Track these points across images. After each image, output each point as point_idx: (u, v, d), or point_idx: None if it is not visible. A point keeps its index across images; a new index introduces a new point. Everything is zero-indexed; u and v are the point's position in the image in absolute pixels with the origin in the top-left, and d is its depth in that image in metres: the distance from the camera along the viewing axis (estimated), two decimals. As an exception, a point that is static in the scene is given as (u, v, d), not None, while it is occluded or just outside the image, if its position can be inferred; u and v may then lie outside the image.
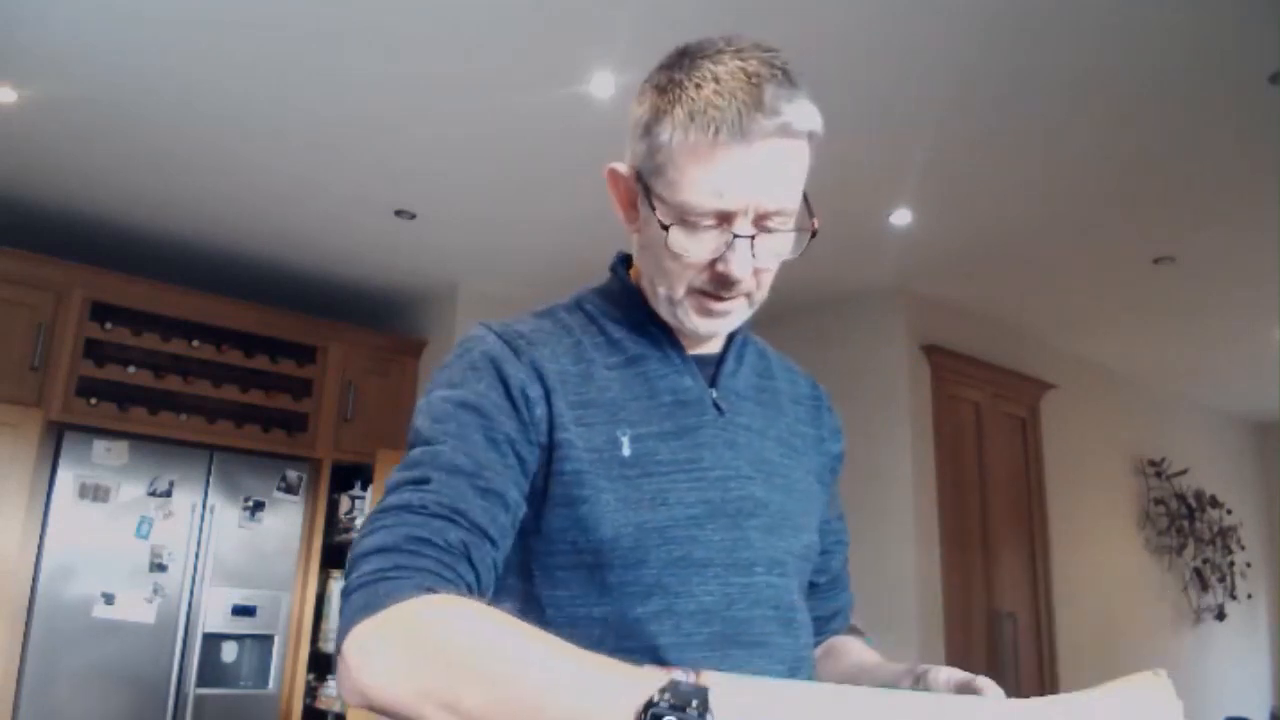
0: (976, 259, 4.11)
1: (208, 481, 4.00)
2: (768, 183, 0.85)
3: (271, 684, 4.05)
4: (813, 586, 1.04)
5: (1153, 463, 5.92)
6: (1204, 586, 6.12)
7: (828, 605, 1.09)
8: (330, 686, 4.30)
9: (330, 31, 2.65)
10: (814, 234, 0.90)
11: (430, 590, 0.70)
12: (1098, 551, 5.35)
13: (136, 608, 3.73)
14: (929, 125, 3.03)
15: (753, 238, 0.86)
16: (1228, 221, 3.65)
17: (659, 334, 0.96)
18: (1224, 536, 6.30)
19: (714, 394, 0.95)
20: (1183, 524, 6.02)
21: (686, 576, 0.86)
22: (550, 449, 0.86)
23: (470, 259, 4.38)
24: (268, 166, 3.49)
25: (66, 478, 3.68)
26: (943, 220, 3.69)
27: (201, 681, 3.83)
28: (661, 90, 0.89)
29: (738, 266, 0.86)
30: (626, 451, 0.88)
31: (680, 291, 0.90)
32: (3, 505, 3.54)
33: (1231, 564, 6.32)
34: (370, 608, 0.70)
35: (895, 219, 3.68)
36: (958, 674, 0.83)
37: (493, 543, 0.80)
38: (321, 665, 4.36)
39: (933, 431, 4.38)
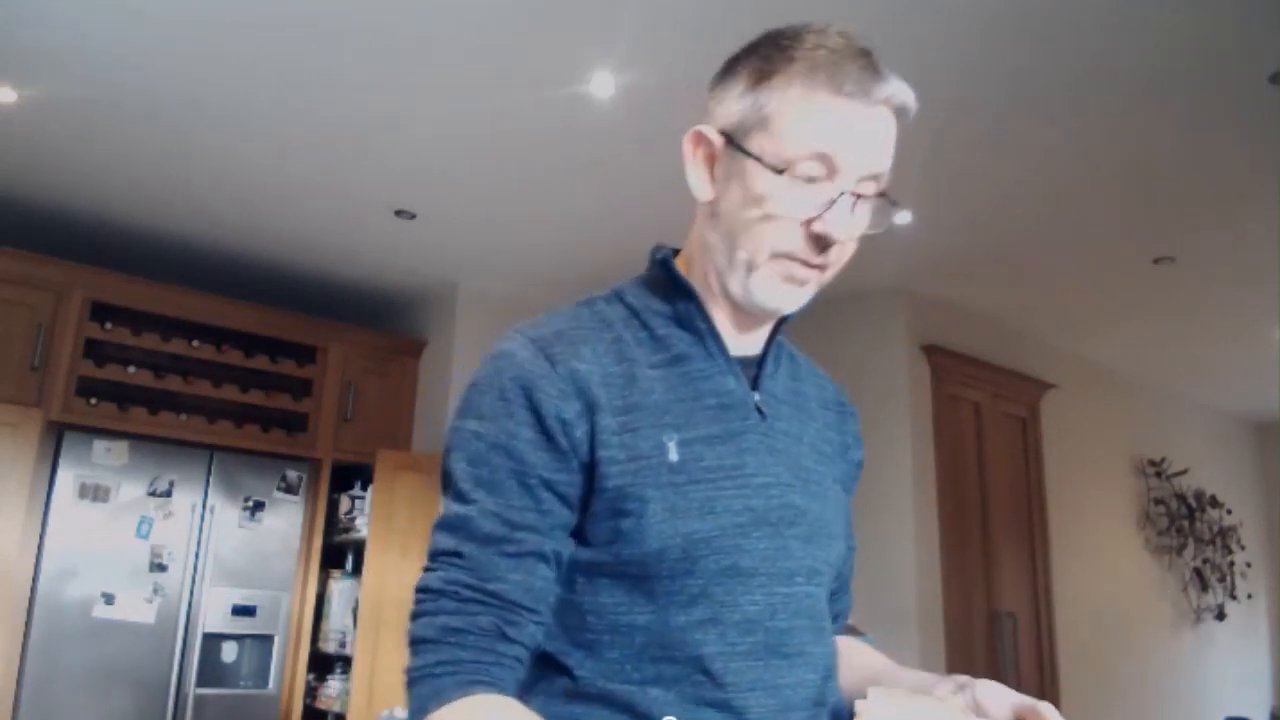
0: (976, 259, 4.11)
1: (208, 481, 4.00)
2: (877, 145, 0.85)
3: (271, 684, 4.04)
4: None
5: (1153, 463, 5.92)
6: (1204, 586, 6.12)
7: (832, 608, 1.07)
8: (330, 686, 4.29)
9: (330, 31, 2.65)
10: (895, 205, 0.91)
11: (472, 683, 0.77)
12: (1098, 551, 5.35)
13: (136, 608, 3.73)
14: (929, 125, 3.02)
15: (856, 196, 0.85)
16: (1228, 221, 3.65)
17: (705, 331, 0.92)
18: (1224, 536, 6.30)
19: (756, 397, 0.93)
20: (1183, 524, 6.02)
21: (732, 586, 0.85)
22: (592, 466, 0.84)
23: (470, 259, 4.38)
24: (268, 166, 3.49)
25: (66, 478, 3.68)
26: (943, 220, 3.69)
27: (201, 681, 3.83)
28: (768, 56, 0.89)
29: (837, 224, 0.84)
30: (674, 457, 0.85)
31: (764, 256, 0.87)
32: (3, 505, 3.54)
33: (1231, 564, 6.32)
34: (422, 711, 0.78)
35: (895, 219, 3.68)
36: (1013, 696, 0.81)
37: (529, 609, 0.82)
38: (321, 665, 4.36)
39: (933, 431, 4.39)
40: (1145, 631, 5.60)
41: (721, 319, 0.93)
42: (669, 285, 0.95)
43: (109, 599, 3.68)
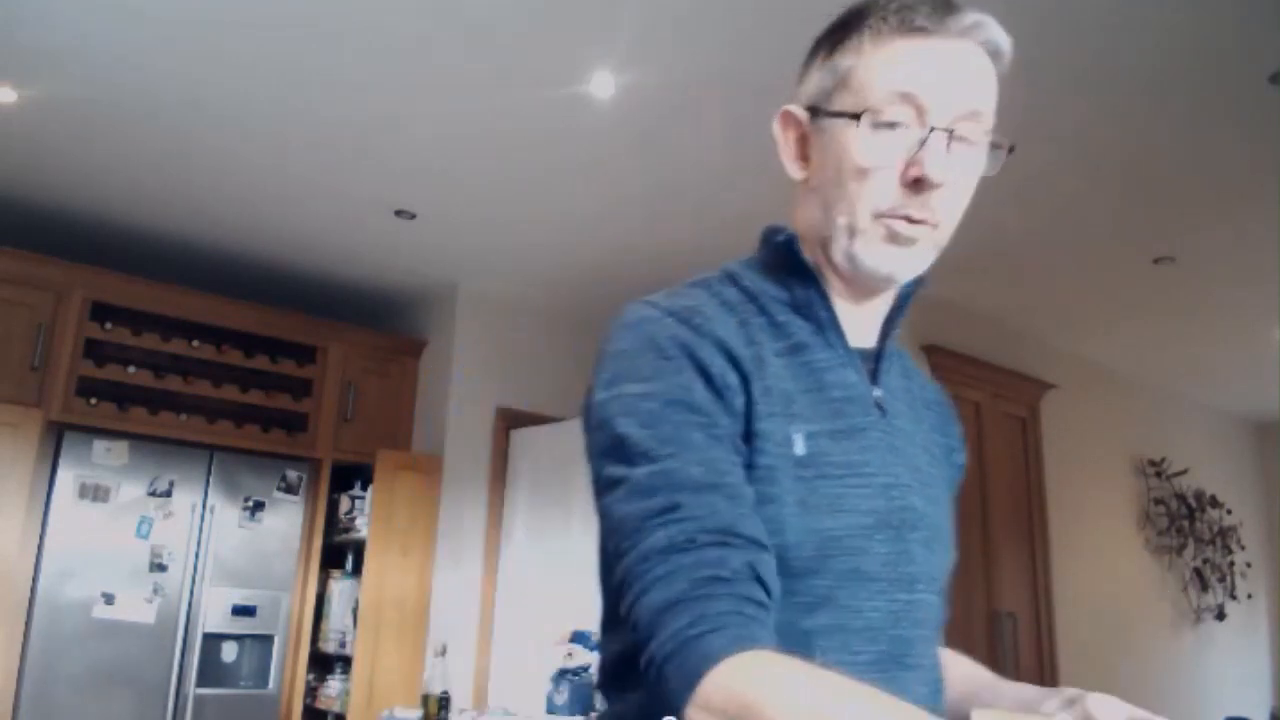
0: (976, 259, 4.11)
1: (208, 481, 4.00)
2: (964, 79, 0.81)
3: (271, 684, 4.04)
4: None
5: (1153, 463, 5.92)
6: (1204, 586, 6.11)
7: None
8: (330, 686, 4.29)
9: (330, 32, 2.65)
10: (1011, 150, 0.84)
11: (740, 640, 0.66)
12: (1098, 551, 5.34)
13: (136, 608, 3.73)
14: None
15: (950, 134, 0.80)
16: (1228, 221, 3.65)
17: (826, 320, 0.87)
18: (1224, 536, 6.29)
19: (877, 392, 0.88)
20: (1183, 524, 6.02)
21: (855, 591, 0.80)
22: (750, 439, 0.78)
23: (470, 259, 4.38)
24: (268, 166, 3.49)
25: (66, 478, 3.69)
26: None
27: (201, 681, 3.83)
28: (844, 23, 0.86)
29: (932, 164, 0.79)
30: (800, 450, 0.80)
31: (864, 217, 0.82)
32: (3, 505, 3.54)
33: (1231, 564, 6.31)
34: (688, 686, 0.65)
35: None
36: (1130, 710, 0.74)
37: (767, 548, 0.73)
38: (321, 665, 4.36)
39: (933, 431, 4.38)
40: (1145, 631, 5.60)
41: (840, 307, 0.88)
42: (788, 269, 0.88)
43: (109, 599, 3.68)
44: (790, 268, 0.88)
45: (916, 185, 0.80)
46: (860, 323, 0.90)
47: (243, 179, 3.60)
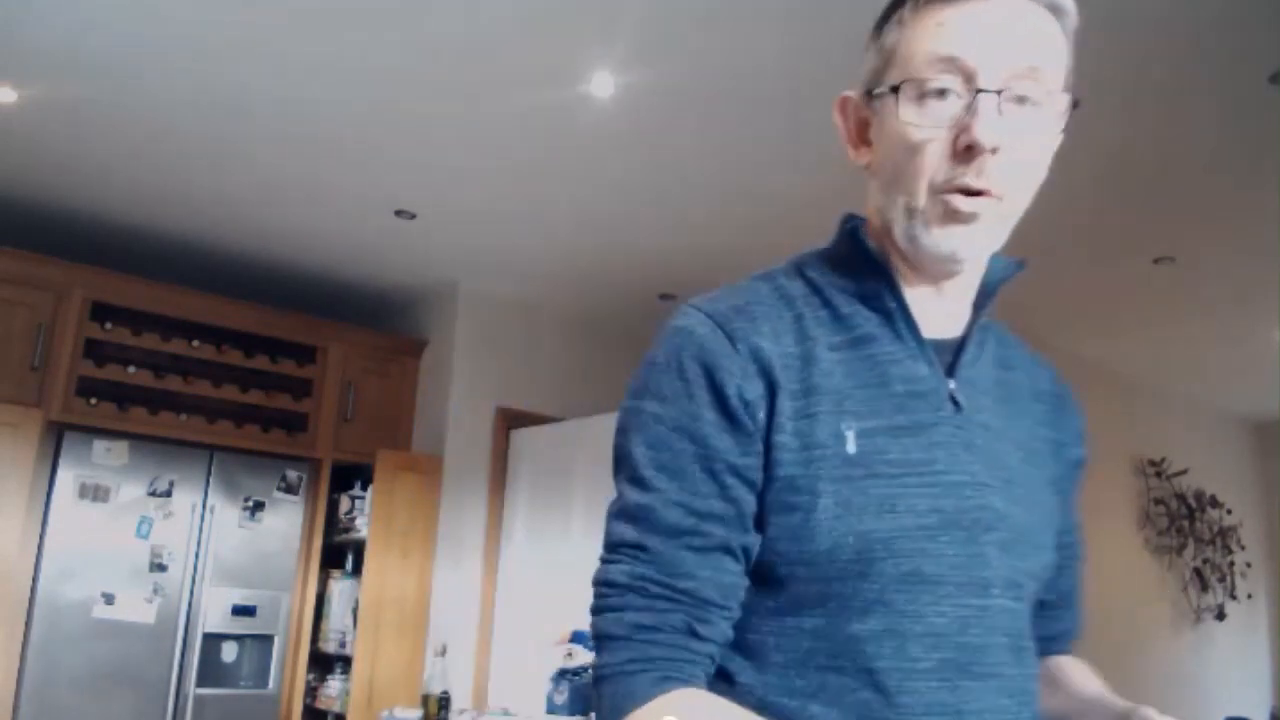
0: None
1: (208, 481, 4.00)
2: (1013, 34, 0.76)
3: (271, 684, 4.04)
4: (1040, 605, 0.90)
5: (1153, 463, 5.92)
6: (1204, 586, 6.11)
7: (1052, 626, 0.95)
8: (330, 686, 4.30)
9: (330, 31, 2.65)
10: (1076, 104, 0.80)
11: (666, 679, 0.73)
12: (1097, 551, 5.29)
13: (136, 608, 3.73)
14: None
15: (1000, 93, 0.75)
16: (1228, 221, 3.65)
17: (895, 310, 0.83)
18: (1224, 536, 6.30)
19: (952, 385, 0.82)
20: (1183, 524, 6.02)
21: (916, 595, 0.76)
22: (767, 451, 0.78)
23: (470, 259, 4.38)
24: (268, 166, 3.49)
25: (66, 478, 3.69)
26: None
27: (201, 681, 3.83)
28: (889, 5, 0.84)
29: (983, 127, 0.74)
30: (852, 448, 0.77)
31: (921, 195, 0.78)
32: (3, 505, 3.54)
33: (1231, 564, 6.31)
34: (617, 711, 0.74)
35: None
36: None
37: (720, 606, 0.76)
38: (321, 665, 4.36)
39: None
40: (1145, 631, 5.60)
41: (915, 296, 0.84)
42: (857, 258, 0.85)
43: (109, 599, 3.68)
44: (858, 256, 0.85)
45: (968, 153, 0.76)
46: (941, 311, 0.85)
47: (243, 179, 3.60)
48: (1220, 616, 6.16)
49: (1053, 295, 4.55)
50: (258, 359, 4.32)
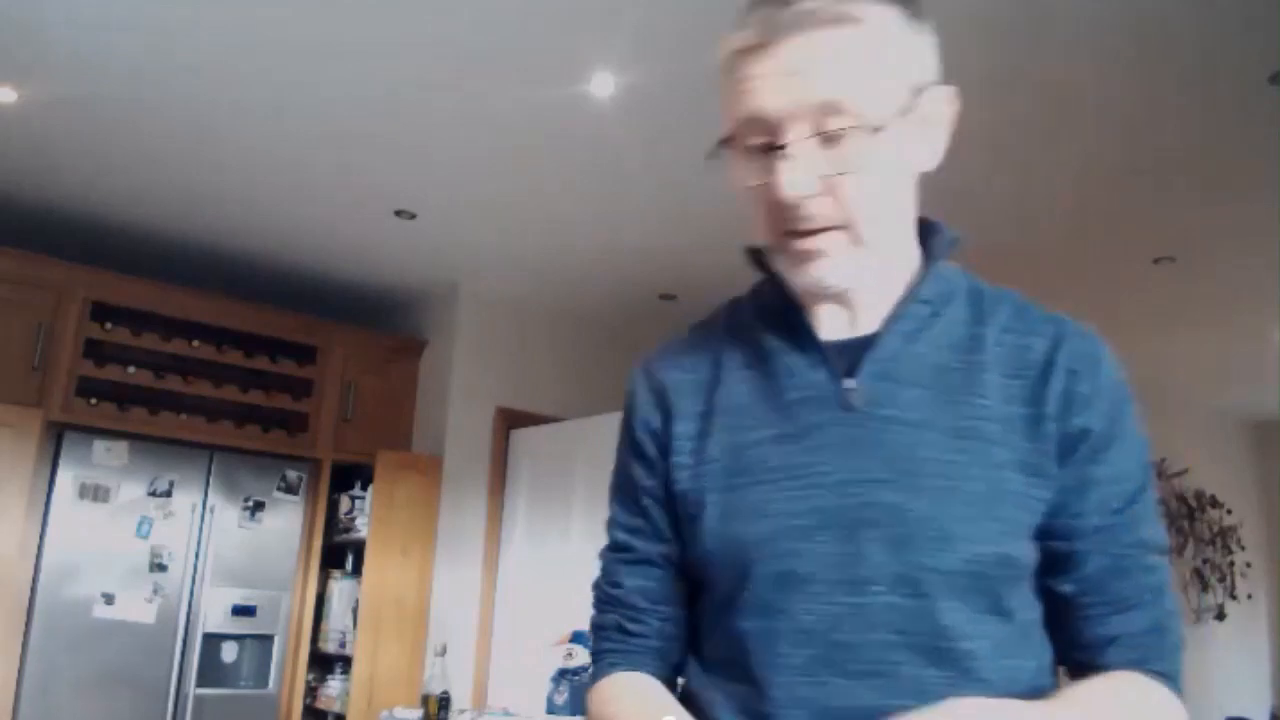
0: (976, 259, 4.10)
1: (208, 481, 4.00)
2: (804, 78, 0.75)
3: (271, 684, 4.04)
4: (1067, 602, 0.82)
5: (1152, 463, 5.92)
6: (1204, 586, 6.12)
7: (1094, 628, 0.83)
8: (330, 686, 4.30)
9: (331, 33, 2.65)
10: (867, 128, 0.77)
11: (611, 666, 0.91)
12: (1098, 551, 5.34)
13: (136, 608, 3.73)
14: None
15: (781, 149, 0.76)
16: (1228, 221, 3.65)
17: (797, 321, 0.86)
18: (1224, 536, 6.30)
19: (851, 385, 0.82)
20: (1183, 524, 6.02)
21: (788, 594, 0.79)
22: (668, 471, 0.89)
23: (470, 259, 4.38)
24: (268, 167, 3.49)
25: (66, 478, 3.68)
26: (942, 220, 3.69)
27: (201, 681, 3.83)
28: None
29: (785, 184, 0.76)
30: (737, 459, 0.83)
31: (770, 239, 0.82)
32: (3, 505, 3.54)
33: (1231, 564, 6.32)
34: (590, 686, 0.93)
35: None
36: None
37: (645, 608, 0.91)
38: (321, 665, 4.36)
39: (933, 431, 4.37)
40: (1145, 631, 5.59)
41: (827, 308, 0.86)
42: (763, 281, 0.91)
43: (109, 599, 3.68)
44: (767, 278, 0.90)
45: (778, 206, 0.78)
46: (865, 312, 0.85)
47: (243, 179, 3.60)
48: (1220, 616, 6.16)
49: (1053, 295, 4.53)
50: (258, 359, 4.32)
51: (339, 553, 4.50)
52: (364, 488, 4.41)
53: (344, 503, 4.46)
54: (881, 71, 0.77)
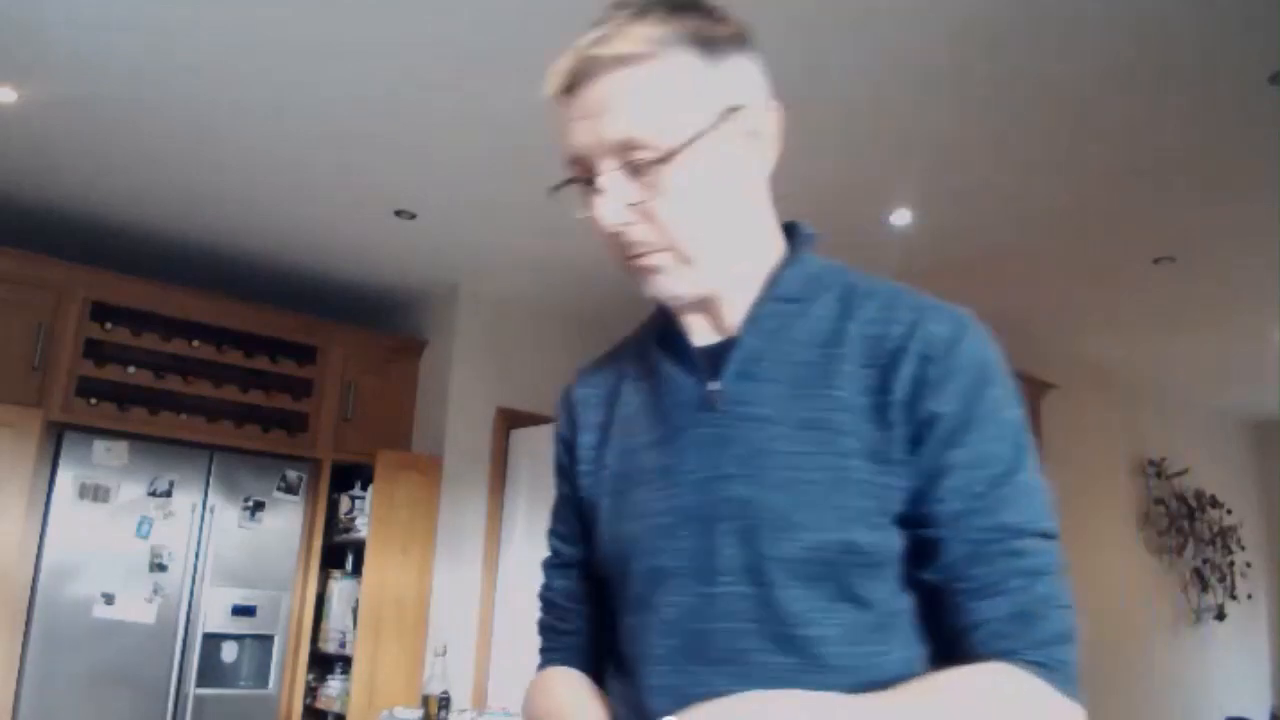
0: (977, 259, 4.11)
1: (208, 481, 4.00)
2: (602, 120, 0.81)
3: (271, 684, 4.05)
4: (936, 592, 0.80)
5: (1153, 463, 5.92)
6: (1204, 586, 6.12)
7: (955, 617, 0.79)
8: (330, 686, 4.29)
9: (331, 34, 2.65)
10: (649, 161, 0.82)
11: (546, 663, 1.01)
12: (1097, 551, 5.34)
13: (136, 608, 3.73)
14: (929, 125, 3.03)
15: (589, 182, 0.83)
16: (1228, 221, 3.65)
17: (672, 331, 0.92)
18: (1224, 536, 6.30)
19: (715, 387, 0.86)
20: (1183, 524, 6.02)
21: (657, 588, 0.85)
22: (576, 479, 0.96)
23: (470, 259, 4.38)
24: (268, 167, 3.49)
25: (66, 478, 3.69)
26: (943, 220, 3.69)
27: (201, 681, 3.83)
28: None
29: (601, 216, 0.82)
30: (623, 465, 0.91)
31: (617, 263, 0.88)
32: (3, 505, 3.54)
33: (1231, 564, 6.32)
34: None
35: (895, 219, 3.68)
36: None
37: (570, 607, 0.99)
38: (321, 665, 4.36)
39: (933, 431, 4.37)
40: (1145, 631, 5.60)
41: (697, 317, 0.91)
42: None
43: (109, 599, 3.68)
44: None
45: (602, 234, 0.85)
46: (725, 316, 0.89)
47: (243, 179, 3.60)
48: (1220, 616, 6.16)
49: (1053, 295, 4.55)
50: (258, 359, 4.32)
51: (339, 553, 4.50)
52: (364, 488, 4.41)
53: (344, 503, 4.46)
54: (675, 103, 0.81)
